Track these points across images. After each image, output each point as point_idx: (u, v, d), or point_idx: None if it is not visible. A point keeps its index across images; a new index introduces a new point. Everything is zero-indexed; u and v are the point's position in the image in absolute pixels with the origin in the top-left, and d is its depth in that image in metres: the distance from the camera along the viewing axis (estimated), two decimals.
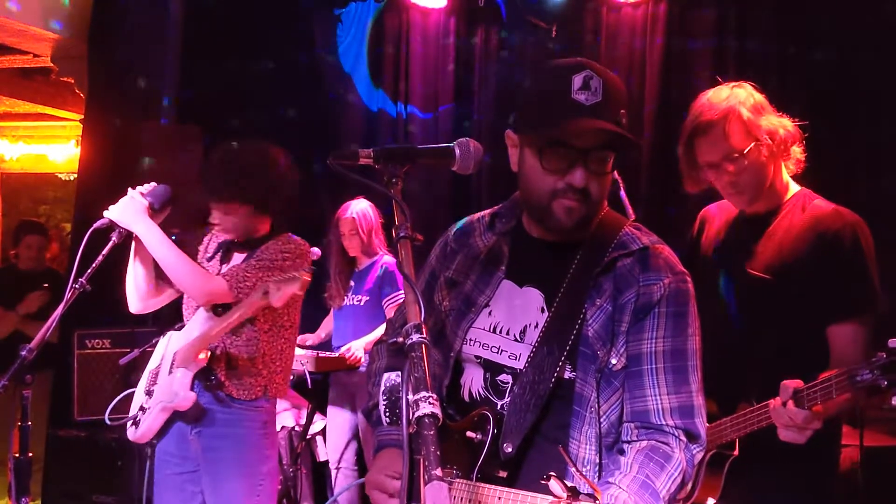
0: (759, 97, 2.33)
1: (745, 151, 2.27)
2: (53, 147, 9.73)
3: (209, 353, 2.80)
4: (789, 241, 2.31)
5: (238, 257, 2.96)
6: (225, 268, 2.95)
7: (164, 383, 2.85)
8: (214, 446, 2.84)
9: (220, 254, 3.01)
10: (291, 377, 4.65)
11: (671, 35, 4.80)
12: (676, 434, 1.63)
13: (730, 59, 4.64)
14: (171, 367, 2.85)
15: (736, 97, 2.30)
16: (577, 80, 1.61)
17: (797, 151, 2.36)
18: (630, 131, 1.67)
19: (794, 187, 2.40)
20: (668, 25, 4.81)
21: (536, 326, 1.71)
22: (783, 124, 2.32)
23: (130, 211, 2.76)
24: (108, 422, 2.91)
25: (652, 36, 4.83)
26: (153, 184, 2.88)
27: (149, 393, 2.91)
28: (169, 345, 2.96)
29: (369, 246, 4.60)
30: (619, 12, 4.95)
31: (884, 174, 4.32)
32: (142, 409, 2.91)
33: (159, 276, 2.91)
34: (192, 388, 2.80)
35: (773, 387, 2.19)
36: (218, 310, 2.81)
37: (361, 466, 4.67)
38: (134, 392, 3.02)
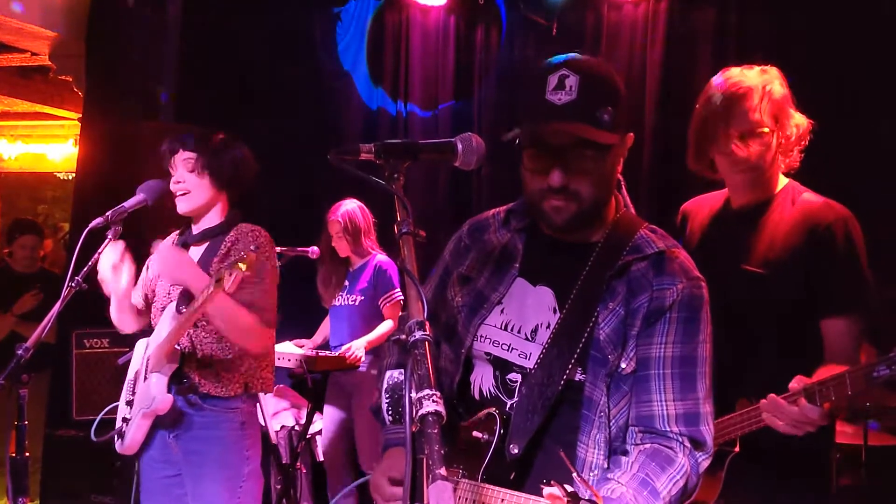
0: (785, 88, 2.35)
1: (770, 131, 2.28)
2: (52, 146, 9.74)
3: (180, 354, 2.75)
4: (781, 235, 2.30)
5: (195, 251, 2.92)
6: None
7: (141, 390, 2.82)
8: (193, 449, 2.81)
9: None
10: (291, 378, 4.67)
11: (672, 33, 4.78)
12: (681, 440, 1.61)
13: (730, 57, 4.62)
14: (146, 374, 2.81)
15: (769, 79, 2.31)
16: (553, 80, 1.61)
17: (795, 151, 2.37)
18: (622, 125, 1.66)
19: (782, 180, 2.40)
20: (668, 23, 4.79)
21: (548, 326, 1.70)
22: (803, 122, 2.33)
23: (177, 264, 2.69)
24: (94, 439, 2.88)
25: (653, 34, 4.82)
26: (141, 195, 2.83)
27: (129, 403, 2.88)
28: (145, 353, 2.91)
29: (359, 247, 4.59)
30: (620, 10, 4.94)
31: (884, 172, 4.30)
32: (125, 420, 2.87)
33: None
34: (168, 391, 2.75)
35: (770, 382, 2.18)
36: (181, 308, 2.76)
37: (354, 467, 4.65)
38: (117, 405, 2.98)
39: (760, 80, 2.29)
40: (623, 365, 1.63)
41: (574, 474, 1.41)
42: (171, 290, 2.88)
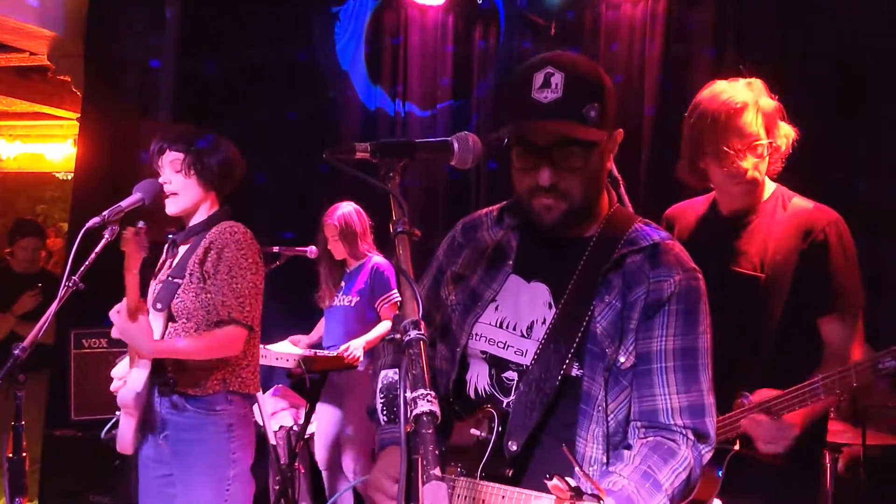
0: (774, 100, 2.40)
1: (765, 143, 2.33)
2: (51, 146, 9.73)
3: None
4: (774, 239, 2.35)
5: (184, 249, 2.92)
6: (172, 262, 2.91)
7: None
8: (181, 451, 2.80)
9: (167, 250, 2.96)
10: (290, 378, 4.66)
11: (670, 33, 4.77)
12: (685, 433, 1.61)
13: (729, 58, 4.61)
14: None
15: (758, 93, 2.37)
16: (538, 78, 1.62)
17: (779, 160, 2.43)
18: (610, 121, 1.66)
19: (770, 185, 2.46)
20: (667, 23, 4.78)
21: (544, 322, 1.69)
22: (791, 132, 2.39)
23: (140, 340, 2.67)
24: (102, 436, 2.88)
25: (651, 34, 4.81)
26: (138, 194, 2.82)
27: None
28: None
29: (355, 250, 4.60)
30: (619, 10, 4.92)
31: (882, 173, 4.30)
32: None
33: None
34: (153, 392, 2.75)
35: (768, 383, 2.25)
36: (157, 305, 2.76)
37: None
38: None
39: (751, 95, 2.35)
40: (622, 359, 1.63)
41: (576, 468, 1.41)
42: (156, 289, 2.88)
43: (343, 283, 4.66)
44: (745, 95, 2.34)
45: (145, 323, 2.63)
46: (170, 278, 2.84)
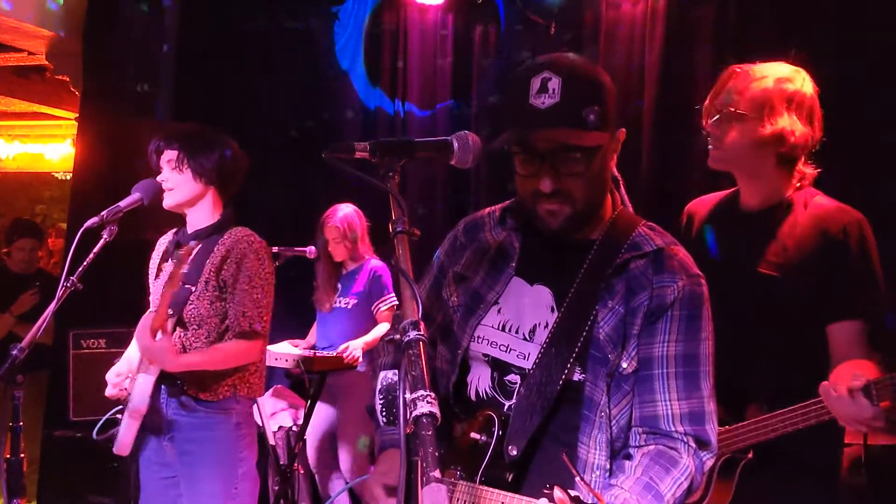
0: (808, 91, 2.30)
1: (746, 115, 2.23)
2: (50, 146, 9.71)
3: None
4: (794, 239, 2.26)
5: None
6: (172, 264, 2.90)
7: (132, 390, 2.80)
8: (187, 451, 2.80)
9: (170, 252, 2.95)
10: (289, 378, 4.65)
11: (670, 31, 4.76)
12: (686, 440, 1.60)
13: (730, 56, 4.60)
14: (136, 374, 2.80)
15: (780, 72, 2.27)
16: (535, 83, 1.59)
17: (800, 164, 2.31)
18: (611, 122, 1.64)
19: (794, 185, 2.34)
20: (667, 22, 4.77)
21: (546, 326, 1.68)
22: (799, 128, 2.26)
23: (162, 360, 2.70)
24: (94, 437, 2.87)
25: (651, 32, 4.80)
26: (137, 194, 2.82)
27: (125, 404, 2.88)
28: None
29: (355, 252, 4.60)
30: (619, 9, 4.91)
31: (886, 173, 4.28)
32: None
33: None
34: (158, 394, 2.75)
35: (781, 386, 2.17)
36: (169, 310, 2.76)
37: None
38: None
39: (768, 69, 2.27)
40: (624, 364, 1.62)
41: (577, 478, 1.40)
42: (163, 292, 2.86)
43: (340, 286, 4.65)
44: (756, 67, 2.26)
45: (167, 341, 2.65)
46: (181, 284, 2.82)
